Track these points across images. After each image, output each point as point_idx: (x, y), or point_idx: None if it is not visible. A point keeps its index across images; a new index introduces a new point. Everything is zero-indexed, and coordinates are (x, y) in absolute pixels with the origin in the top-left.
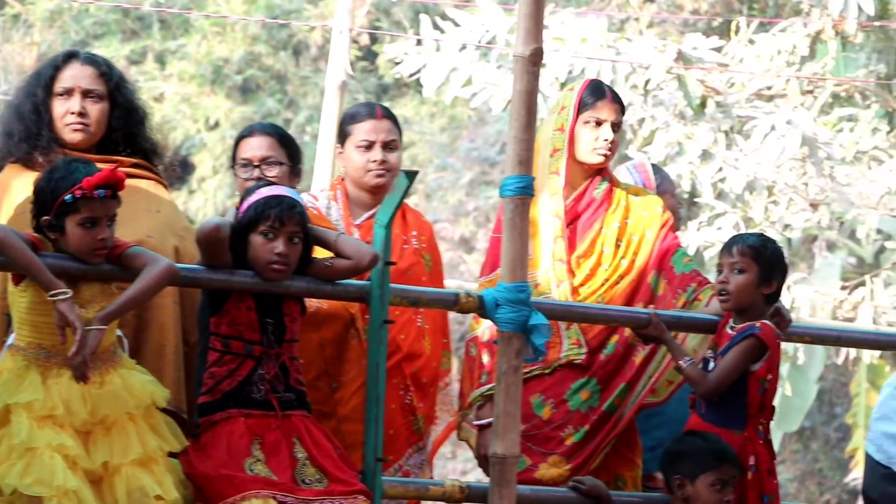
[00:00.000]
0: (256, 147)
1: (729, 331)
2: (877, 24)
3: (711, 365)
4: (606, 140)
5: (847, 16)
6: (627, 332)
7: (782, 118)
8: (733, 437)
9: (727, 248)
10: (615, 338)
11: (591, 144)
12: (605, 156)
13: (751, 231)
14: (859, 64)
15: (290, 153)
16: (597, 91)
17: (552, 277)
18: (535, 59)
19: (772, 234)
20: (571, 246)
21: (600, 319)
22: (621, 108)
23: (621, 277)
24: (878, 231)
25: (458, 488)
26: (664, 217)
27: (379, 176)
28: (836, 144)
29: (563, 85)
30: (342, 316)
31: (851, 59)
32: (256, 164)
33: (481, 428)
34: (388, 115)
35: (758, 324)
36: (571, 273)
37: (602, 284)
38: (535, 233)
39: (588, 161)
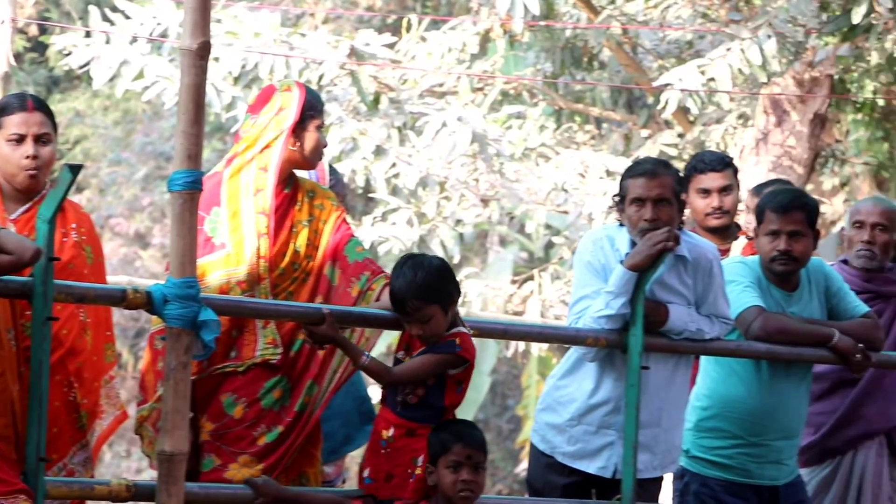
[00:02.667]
0: None
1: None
2: (542, 23)
3: None
4: (326, 145)
5: (514, 15)
6: None
7: (453, 115)
8: (427, 430)
9: (402, 306)
10: (302, 334)
11: (319, 148)
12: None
13: (400, 266)
14: (528, 62)
15: None
16: (320, 98)
17: (255, 275)
18: (202, 53)
19: (444, 229)
20: (272, 243)
21: (272, 315)
22: None
23: (308, 274)
24: (547, 226)
25: (125, 487)
26: (338, 210)
27: (31, 177)
28: (505, 141)
29: (237, 80)
30: None
31: (520, 57)
32: None
33: None
34: (41, 107)
35: (458, 340)
36: (272, 270)
37: (292, 283)
38: (238, 228)
39: (312, 162)
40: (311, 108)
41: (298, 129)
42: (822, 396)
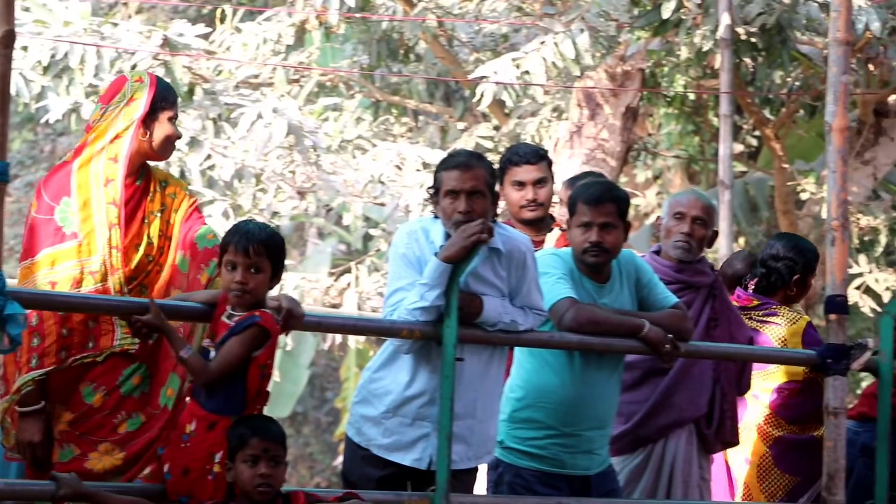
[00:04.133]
0: None
1: (227, 320)
2: (358, 15)
3: (212, 354)
4: (179, 137)
5: (329, 7)
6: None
7: (269, 106)
8: (228, 423)
9: (246, 246)
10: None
11: (171, 139)
12: None
13: (246, 220)
14: (344, 54)
15: None
16: (173, 90)
17: (108, 266)
18: (6, 42)
19: (260, 221)
20: (124, 234)
21: (86, 308)
22: None
23: (163, 267)
24: (365, 218)
25: None
26: (190, 199)
27: None
28: (321, 133)
29: (46, 69)
30: None
31: (337, 49)
32: None
33: (24, 414)
34: None
35: (257, 312)
36: (126, 262)
37: (147, 275)
38: (88, 217)
39: (163, 154)
40: (163, 100)
41: (149, 120)
42: (633, 386)
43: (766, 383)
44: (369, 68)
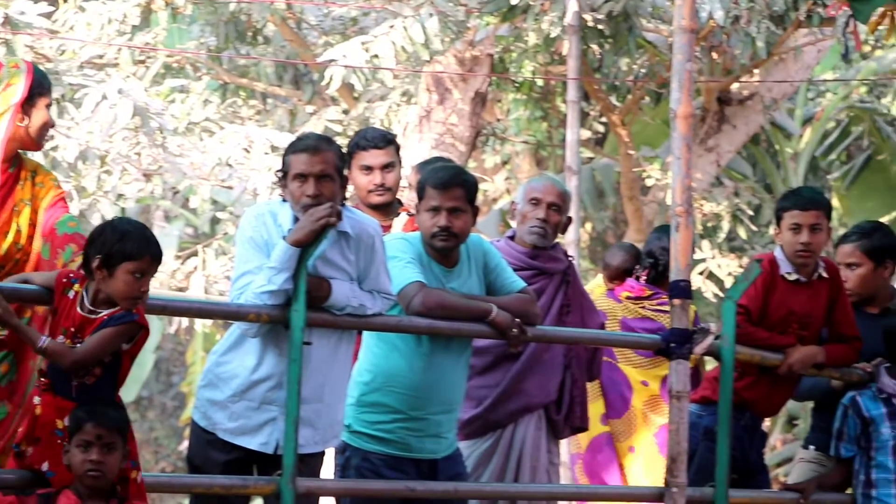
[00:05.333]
0: None
1: (88, 315)
2: None
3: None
4: (53, 125)
5: None
6: (41, 309)
7: (114, 87)
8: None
9: (159, 259)
10: (28, 311)
11: (47, 126)
12: None
13: (136, 222)
14: (191, 36)
15: None
16: (47, 77)
17: None
18: None
19: (105, 204)
20: None
21: None
22: None
23: (29, 255)
24: (213, 202)
25: None
26: (58, 190)
27: None
28: (168, 115)
29: None
30: None
31: (184, 30)
32: None
33: None
34: None
35: (134, 309)
36: None
37: (15, 264)
38: None
39: (39, 141)
40: (39, 86)
41: (27, 106)
42: (484, 370)
43: (656, 371)
44: (217, 50)
